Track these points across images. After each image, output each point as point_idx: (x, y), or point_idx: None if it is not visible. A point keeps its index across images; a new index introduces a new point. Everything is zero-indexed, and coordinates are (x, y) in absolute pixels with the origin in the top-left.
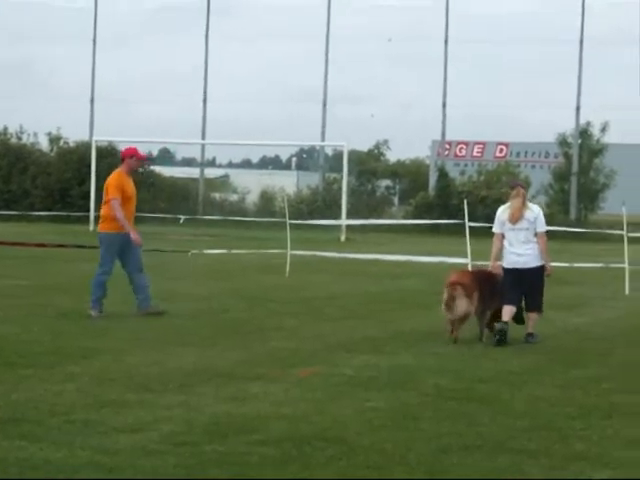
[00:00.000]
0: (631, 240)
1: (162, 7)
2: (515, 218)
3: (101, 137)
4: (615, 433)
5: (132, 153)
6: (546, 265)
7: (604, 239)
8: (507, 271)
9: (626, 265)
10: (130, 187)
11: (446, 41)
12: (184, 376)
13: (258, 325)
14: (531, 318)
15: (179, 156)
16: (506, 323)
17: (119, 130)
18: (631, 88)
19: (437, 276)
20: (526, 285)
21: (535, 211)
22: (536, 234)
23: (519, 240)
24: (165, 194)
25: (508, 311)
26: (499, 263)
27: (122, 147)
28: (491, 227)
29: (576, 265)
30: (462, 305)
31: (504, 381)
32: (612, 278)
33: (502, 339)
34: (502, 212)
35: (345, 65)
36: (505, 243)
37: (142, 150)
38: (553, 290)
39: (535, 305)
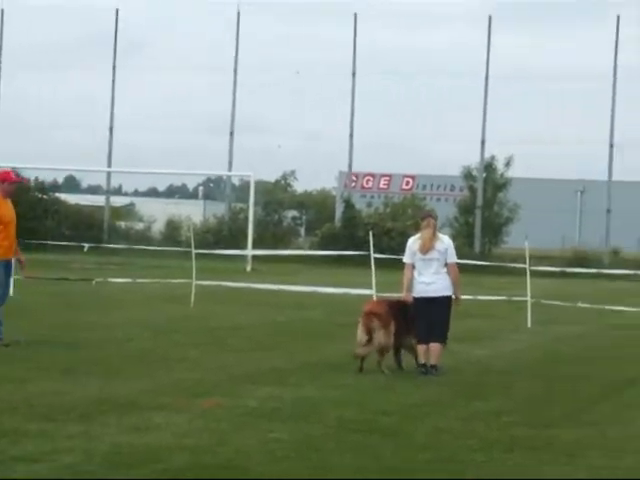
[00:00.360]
0: (533, 273)
1: (71, 36)
2: (426, 248)
3: (3, 163)
4: (516, 466)
5: (2, 178)
6: (457, 296)
7: (507, 272)
8: (416, 301)
9: (528, 298)
10: (8, 212)
11: (354, 74)
12: (86, 405)
13: (162, 355)
14: (435, 350)
15: (85, 184)
16: (424, 365)
17: (23, 157)
18: (534, 123)
19: (342, 307)
20: (433, 314)
21: (446, 242)
22: (447, 265)
23: (429, 270)
24: (70, 222)
25: (422, 352)
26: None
27: (25, 174)
28: (396, 259)
29: (480, 298)
30: (381, 338)
31: (407, 414)
32: (515, 311)
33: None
34: (413, 242)
35: (253, 95)
36: (415, 273)
37: (19, 174)
38: (456, 322)
39: (440, 336)
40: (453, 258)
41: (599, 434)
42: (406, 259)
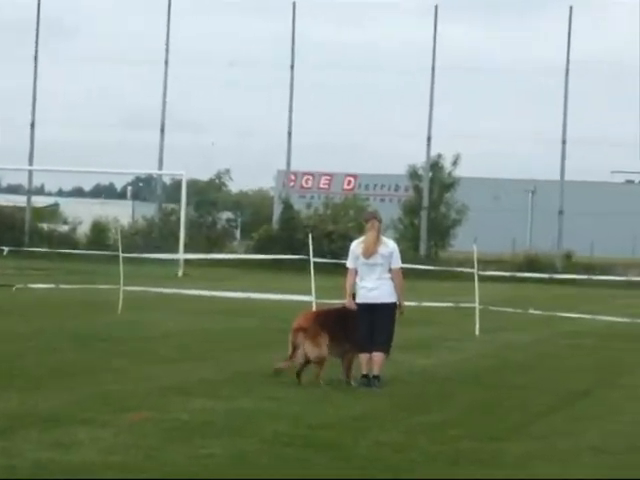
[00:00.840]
0: (482, 278)
1: None
2: (369, 252)
3: None
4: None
5: None
6: (400, 302)
7: (454, 277)
8: (359, 307)
9: (477, 304)
10: None
11: (292, 66)
12: (6, 420)
13: (87, 366)
14: (377, 359)
15: (4, 183)
16: (366, 376)
17: None
18: (483, 119)
19: (278, 314)
20: (376, 322)
21: (390, 246)
22: (391, 270)
23: (372, 276)
24: None
25: (365, 361)
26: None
27: None
28: (337, 263)
29: (425, 304)
30: (310, 351)
31: (346, 427)
32: (462, 318)
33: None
34: (356, 246)
35: (185, 89)
36: (357, 278)
37: None
38: (400, 330)
39: (383, 345)
40: (398, 263)
41: (549, 447)
42: (349, 264)
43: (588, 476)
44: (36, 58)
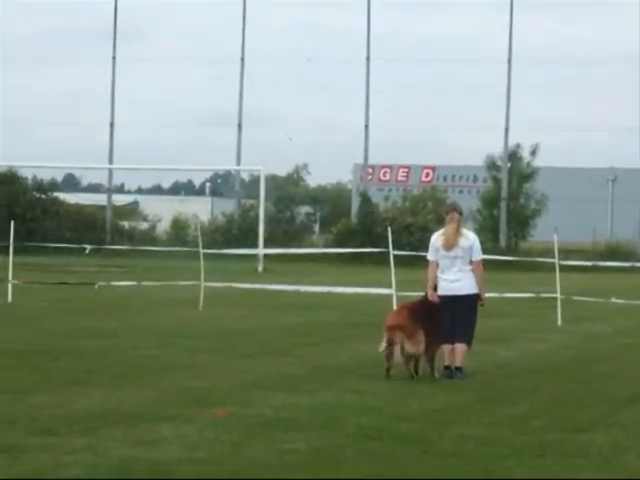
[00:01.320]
0: (563, 268)
1: (68, 28)
2: (449, 245)
3: (0, 162)
4: (548, 473)
5: None
6: (481, 294)
7: (535, 268)
8: (441, 299)
9: (558, 295)
10: None
11: (368, 58)
12: (90, 418)
13: (169, 363)
14: (459, 351)
15: (85, 182)
16: (448, 367)
17: (20, 155)
18: (561, 109)
19: (359, 308)
20: (458, 314)
21: (471, 238)
22: (471, 262)
23: (453, 268)
24: (70, 222)
25: (447, 353)
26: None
27: (23, 172)
28: (417, 255)
29: (506, 295)
30: (410, 349)
31: (430, 420)
32: (544, 309)
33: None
34: (436, 238)
35: (261, 86)
36: (438, 271)
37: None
38: (482, 322)
39: (465, 337)
40: (478, 255)
41: (635, 437)
42: (429, 256)
43: None
44: (114, 59)
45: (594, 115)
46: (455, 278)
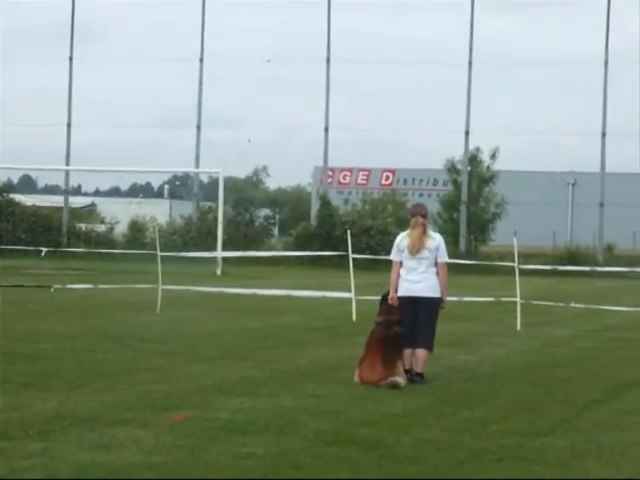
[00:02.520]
0: (523, 272)
1: (24, 26)
2: (415, 249)
3: None
4: (506, 477)
5: None
6: (443, 297)
7: (495, 271)
8: (401, 301)
9: (518, 299)
10: None
11: (328, 60)
12: (46, 421)
13: (126, 366)
14: (420, 356)
15: (41, 183)
16: (408, 372)
17: None
18: (521, 112)
19: (318, 311)
20: (419, 317)
21: (437, 240)
22: (436, 264)
23: (419, 269)
24: (26, 224)
25: (407, 357)
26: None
27: None
28: (376, 259)
29: (466, 299)
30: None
31: (388, 424)
32: (503, 312)
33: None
34: (400, 240)
35: (221, 87)
36: (402, 271)
37: None
38: (441, 325)
39: (425, 341)
40: (444, 257)
41: (594, 442)
42: (393, 256)
43: (636, 472)
44: (71, 59)
45: (555, 118)
46: (418, 279)
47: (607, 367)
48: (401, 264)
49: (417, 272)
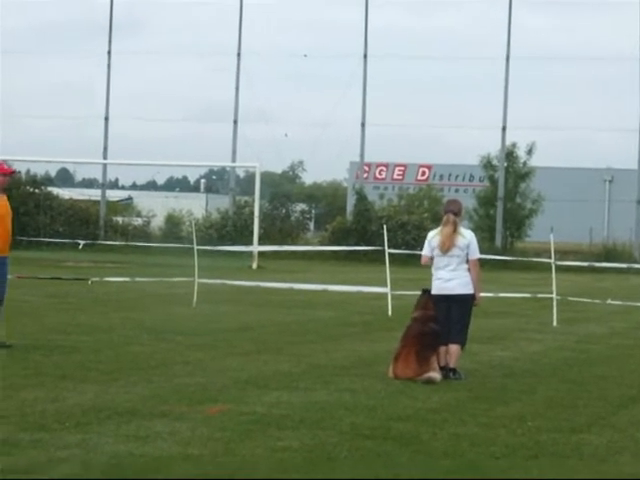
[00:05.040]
0: (559, 269)
1: (63, 21)
2: (445, 247)
3: None
4: (542, 473)
5: None
6: (476, 294)
7: (531, 268)
8: (435, 299)
9: (554, 295)
10: (2, 205)
11: (365, 56)
12: (83, 413)
13: (163, 359)
14: (453, 352)
15: (79, 177)
16: (443, 368)
17: (13, 148)
18: (558, 108)
19: (354, 306)
20: (452, 314)
21: (468, 237)
22: (468, 261)
23: (448, 267)
24: (64, 217)
25: (441, 353)
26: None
27: (16, 167)
28: (412, 254)
29: (502, 295)
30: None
31: (424, 419)
32: (539, 309)
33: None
34: (433, 237)
35: (257, 82)
36: (433, 269)
37: (11, 165)
38: (477, 322)
39: (459, 337)
40: (475, 254)
41: (630, 439)
42: (425, 252)
43: None
44: (109, 53)
45: (592, 115)
46: (450, 277)
47: None
48: (432, 260)
49: (448, 270)
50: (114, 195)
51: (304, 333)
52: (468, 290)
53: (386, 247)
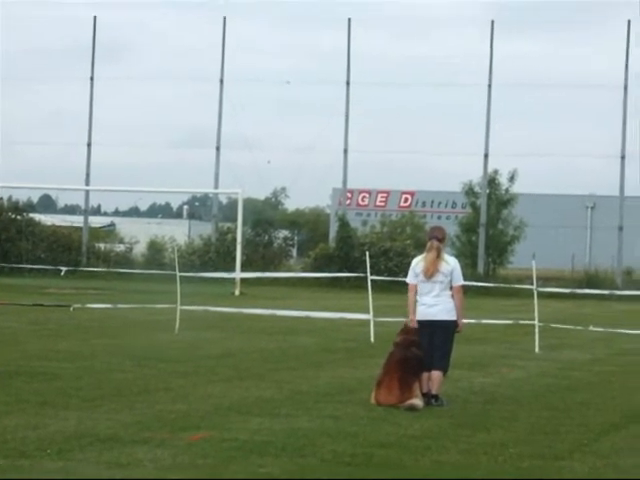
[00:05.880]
0: (541, 295)
1: (44, 46)
2: (429, 273)
3: None
4: None
5: None
6: (458, 321)
7: (513, 294)
8: (418, 325)
9: (536, 322)
10: None
11: (348, 83)
12: (64, 440)
13: (145, 386)
14: (435, 377)
15: (61, 203)
16: (425, 394)
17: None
18: (539, 135)
19: (336, 333)
20: (435, 340)
21: (451, 263)
22: (451, 287)
23: (432, 293)
24: (46, 244)
25: (424, 379)
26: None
27: None
28: (395, 281)
29: (484, 322)
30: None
31: (406, 446)
32: (521, 335)
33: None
34: (416, 264)
35: (240, 108)
36: (417, 295)
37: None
38: (459, 348)
39: (441, 364)
40: (459, 280)
41: (612, 466)
42: (409, 279)
43: None
44: (92, 79)
45: (574, 141)
46: (433, 303)
47: (626, 391)
48: (417, 287)
49: (431, 295)
50: (96, 221)
51: (286, 359)
52: (451, 316)
53: (368, 274)
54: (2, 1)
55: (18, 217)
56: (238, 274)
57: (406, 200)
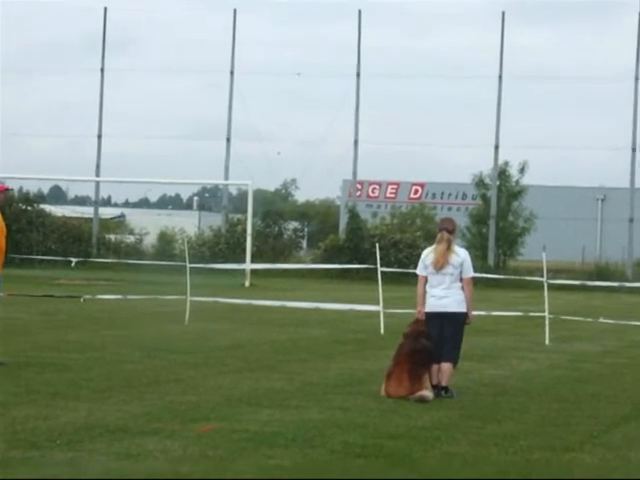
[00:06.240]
0: (551, 287)
1: (55, 39)
2: (439, 265)
3: None
4: None
5: None
6: (468, 313)
7: (523, 286)
8: (427, 316)
9: (546, 314)
10: None
11: (358, 74)
12: (74, 431)
13: (155, 377)
14: (445, 369)
15: (72, 194)
16: (435, 386)
17: (5, 166)
18: (550, 126)
19: (346, 324)
20: (445, 332)
21: (461, 255)
22: (461, 279)
23: (442, 285)
24: (56, 235)
25: (434, 371)
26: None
27: (9, 184)
28: (404, 272)
29: (494, 313)
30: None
31: (416, 438)
32: (532, 327)
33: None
34: (426, 255)
35: (250, 100)
36: (427, 286)
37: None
38: (469, 340)
39: (451, 356)
40: (469, 272)
41: (623, 458)
42: (419, 271)
43: None
44: (102, 71)
45: (585, 133)
46: (443, 295)
47: (637, 383)
48: (427, 279)
49: (441, 287)
50: (107, 213)
51: (296, 351)
52: (461, 308)
53: (378, 265)
54: None
55: (29, 208)
56: (248, 265)
57: (416, 192)
